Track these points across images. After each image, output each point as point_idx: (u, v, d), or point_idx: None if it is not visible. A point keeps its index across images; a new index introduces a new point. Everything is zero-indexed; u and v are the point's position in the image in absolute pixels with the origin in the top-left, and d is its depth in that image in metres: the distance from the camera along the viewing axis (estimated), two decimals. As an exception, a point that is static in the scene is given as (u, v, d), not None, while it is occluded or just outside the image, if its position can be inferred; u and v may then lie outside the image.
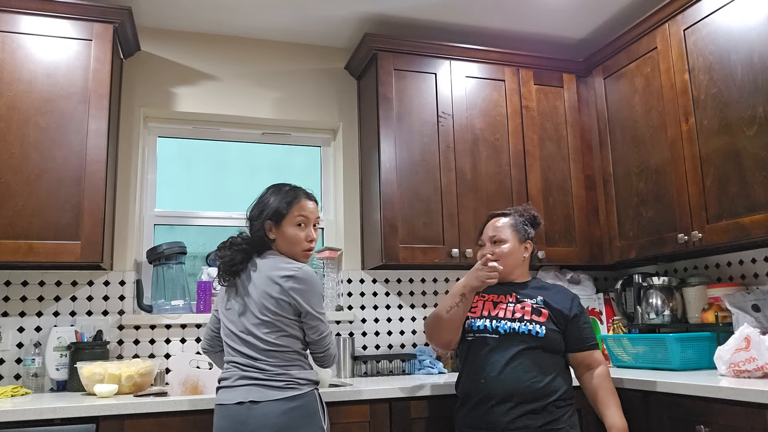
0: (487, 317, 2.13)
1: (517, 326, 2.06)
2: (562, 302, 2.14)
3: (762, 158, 2.23)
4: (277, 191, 1.99)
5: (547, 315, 2.09)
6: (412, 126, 2.92)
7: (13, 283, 2.61)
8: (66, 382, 2.48)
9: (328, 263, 3.06)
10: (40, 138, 2.39)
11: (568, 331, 2.12)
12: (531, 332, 2.05)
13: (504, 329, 2.07)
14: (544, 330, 2.06)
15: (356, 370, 2.90)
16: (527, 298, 2.15)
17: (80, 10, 2.51)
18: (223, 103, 3.06)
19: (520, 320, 2.08)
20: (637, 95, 2.86)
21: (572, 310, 2.13)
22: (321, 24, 3.06)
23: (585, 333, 2.14)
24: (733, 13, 2.38)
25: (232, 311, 1.91)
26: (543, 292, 2.18)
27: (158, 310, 2.75)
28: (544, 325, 2.07)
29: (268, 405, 1.76)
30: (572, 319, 2.12)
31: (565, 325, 2.11)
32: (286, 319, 1.85)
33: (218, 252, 1.97)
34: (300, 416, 1.78)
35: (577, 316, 2.13)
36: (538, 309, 2.11)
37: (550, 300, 2.14)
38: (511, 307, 2.13)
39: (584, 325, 2.14)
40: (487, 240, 2.23)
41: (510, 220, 2.24)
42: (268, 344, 1.82)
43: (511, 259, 2.19)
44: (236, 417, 1.77)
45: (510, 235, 2.21)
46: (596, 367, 2.13)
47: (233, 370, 1.85)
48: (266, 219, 1.94)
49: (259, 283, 1.87)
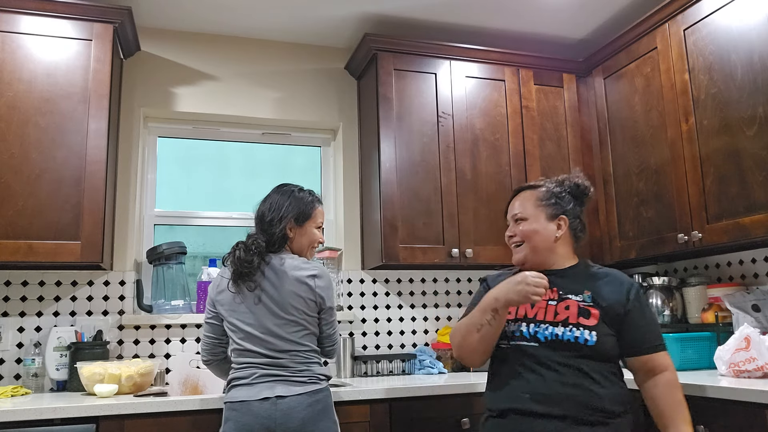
0: (523, 320, 1.75)
1: (561, 332, 1.68)
2: (615, 295, 1.73)
3: (762, 158, 2.23)
4: (290, 193, 2.08)
5: (598, 316, 1.69)
6: (412, 126, 2.92)
7: (13, 283, 2.61)
8: (66, 382, 2.48)
9: (328, 263, 3.06)
10: (40, 138, 2.39)
11: (623, 331, 1.72)
12: (578, 340, 1.67)
13: (545, 336, 1.70)
14: (595, 337, 1.66)
15: (356, 370, 2.90)
16: (572, 294, 1.75)
17: (80, 10, 2.51)
18: (223, 103, 3.06)
19: (564, 324, 1.69)
20: (637, 95, 2.86)
21: (629, 303, 1.72)
22: (321, 24, 3.06)
23: (644, 333, 1.72)
24: (733, 13, 2.38)
25: (247, 313, 1.92)
26: (591, 283, 1.77)
27: (158, 310, 2.75)
28: (594, 330, 1.67)
29: (295, 399, 1.84)
30: (627, 316, 1.71)
31: (620, 323, 1.71)
32: (310, 317, 1.95)
33: (239, 255, 1.94)
34: (321, 410, 1.88)
35: (634, 311, 1.72)
36: (585, 309, 1.71)
37: (601, 293, 1.74)
38: (552, 306, 1.74)
39: (643, 323, 1.73)
40: (510, 218, 1.89)
41: (536, 192, 1.85)
42: (292, 343, 1.91)
43: (538, 240, 1.80)
44: (262, 412, 1.81)
45: (534, 211, 1.82)
46: (659, 373, 1.72)
47: (250, 369, 1.89)
48: (290, 219, 2.02)
49: (283, 283, 1.93)
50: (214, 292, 2.00)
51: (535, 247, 1.81)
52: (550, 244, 1.81)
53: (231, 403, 1.86)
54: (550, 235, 1.81)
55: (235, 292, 1.94)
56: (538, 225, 1.81)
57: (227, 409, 1.87)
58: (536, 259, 1.82)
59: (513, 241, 1.85)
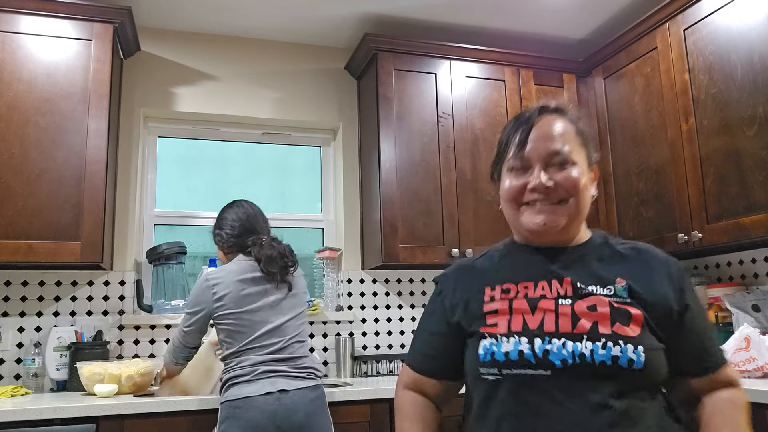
0: (522, 333, 1.08)
1: (590, 350, 1.03)
2: (660, 284, 1.12)
3: (762, 158, 2.23)
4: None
5: (641, 320, 1.07)
6: (412, 126, 2.92)
7: (13, 283, 2.61)
8: (66, 382, 2.48)
9: (328, 263, 3.06)
10: (40, 138, 2.39)
11: (677, 341, 1.10)
12: (620, 361, 1.02)
13: (562, 357, 1.04)
14: (642, 354, 1.03)
15: (356, 370, 2.90)
16: (595, 285, 1.11)
17: (80, 10, 2.51)
18: (223, 103, 3.05)
19: (593, 336, 1.04)
20: (637, 95, 2.86)
21: (684, 296, 1.12)
22: (321, 24, 3.06)
23: (708, 340, 1.14)
24: (733, 13, 2.38)
25: (267, 307, 2.04)
26: (619, 265, 1.15)
27: (158, 310, 2.75)
28: (640, 344, 1.04)
29: (297, 393, 1.91)
30: (684, 317, 1.11)
31: (672, 329, 1.10)
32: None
33: (281, 251, 2.12)
34: (321, 405, 1.97)
35: (693, 310, 1.12)
36: (622, 309, 1.08)
37: (638, 281, 1.11)
38: (565, 307, 1.09)
39: (704, 325, 1.15)
40: (537, 159, 1.15)
41: (574, 123, 1.21)
42: (303, 335, 2.09)
43: (586, 200, 1.18)
44: (266, 407, 1.85)
45: (579, 150, 1.18)
46: (721, 389, 1.13)
47: (250, 367, 1.93)
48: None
49: (299, 278, 2.17)
50: (224, 290, 2.03)
51: (581, 211, 1.17)
52: (587, 209, 1.19)
53: (232, 401, 1.87)
54: (589, 196, 1.19)
55: (273, 285, 2.07)
56: (586, 176, 1.18)
57: (227, 408, 1.87)
58: (571, 231, 1.18)
59: (551, 197, 1.14)
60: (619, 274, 1.13)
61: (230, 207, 2.22)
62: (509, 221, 1.22)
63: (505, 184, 1.19)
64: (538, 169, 1.15)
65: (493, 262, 1.23)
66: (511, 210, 1.19)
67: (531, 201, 1.15)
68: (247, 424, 1.83)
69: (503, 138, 1.22)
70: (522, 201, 1.17)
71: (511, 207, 1.19)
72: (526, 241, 1.21)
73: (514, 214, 1.19)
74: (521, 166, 1.17)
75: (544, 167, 1.15)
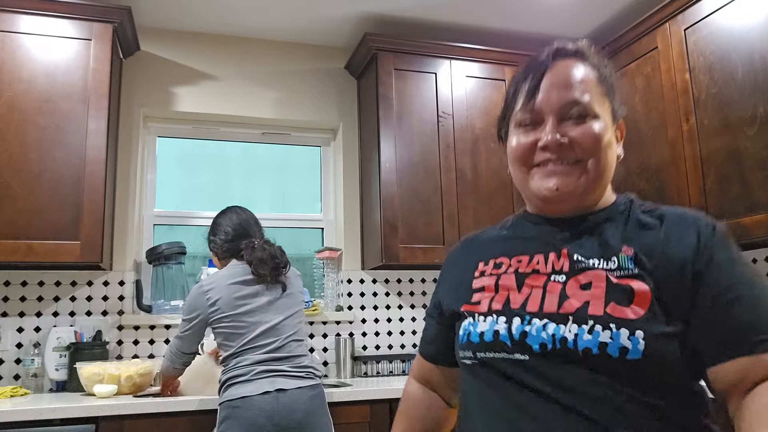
0: (501, 312, 0.92)
1: (573, 334, 0.84)
2: (676, 245, 0.87)
3: (762, 158, 2.23)
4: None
5: (648, 296, 0.84)
6: (412, 126, 2.91)
7: (12, 283, 2.60)
8: (65, 382, 2.48)
9: (328, 263, 3.06)
10: (39, 138, 2.38)
11: (698, 320, 0.84)
12: (609, 349, 0.82)
13: (541, 340, 0.86)
14: (641, 341, 0.81)
15: (356, 370, 2.90)
16: (595, 258, 0.91)
17: (80, 9, 2.50)
18: (223, 102, 3.05)
19: (579, 319, 0.85)
20: (637, 95, 2.86)
21: (704, 254, 0.85)
22: (321, 24, 3.05)
23: (747, 312, 0.82)
24: (733, 13, 2.37)
25: (261, 308, 2.05)
26: (634, 234, 0.92)
27: (158, 311, 2.75)
28: (640, 329, 0.82)
29: (295, 392, 1.91)
30: (700, 278, 0.84)
31: (685, 300, 0.84)
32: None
33: (272, 252, 2.13)
34: (320, 404, 1.97)
35: (714, 267, 0.85)
36: (622, 286, 0.86)
37: (653, 249, 0.88)
38: (556, 285, 0.90)
39: (741, 292, 0.83)
40: (550, 110, 0.96)
41: (594, 69, 1.01)
42: (300, 334, 2.10)
43: (607, 160, 0.97)
44: (265, 406, 1.86)
45: (600, 101, 0.98)
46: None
47: (248, 367, 1.94)
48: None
49: (293, 278, 2.19)
50: (217, 295, 2.05)
51: (603, 173, 0.96)
52: (612, 168, 0.99)
53: (231, 401, 1.88)
54: (614, 154, 1.00)
55: (264, 287, 2.09)
56: (610, 132, 0.98)
57: (226, 408, 1.88)
58: (590, 198, 0.97)
59: (566, 156, 0.94)
60: (625, 240, 0.90)
61: (223, 213, 2.27)
62: (519, 188, 1.02)
63: (513, 143, 1.00)
64: (551, 123, 0.95)
65: (498, 233, 1.07)
66: (520, 173, 0.99)
67: (542, 162, 0.95)
68: (247, 423, 1.83)
69: (511, 88, 1.04)
70: (532, 162, 0.97)
71: (519, 170, 0.99)
72: (539, 210, 1.01)
73: (523, 178, 0.99)
74: (531, 120, 0.97)
75: (559, 121, 0.95)
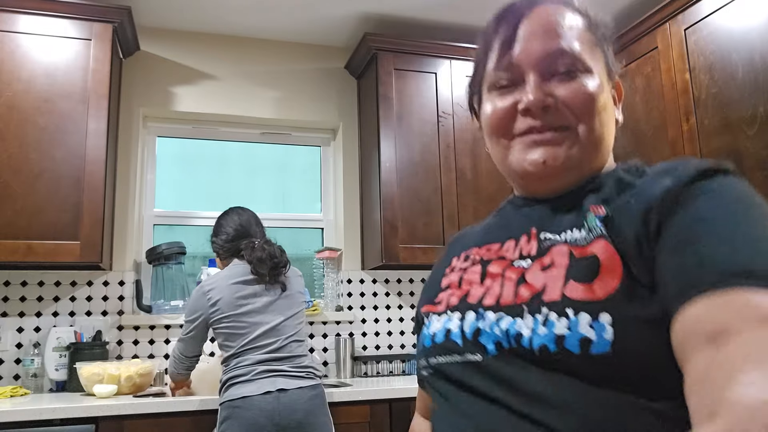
0: (455, 308, 0.75)
1: (530, 328, 0.64)
2: (652, 194, 0.63)
3: (762, 158, 2.23)
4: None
5: (619, 265, 0.62)
6: (412, 126, 2.91)
7: (12, 283, 2.60)
8: (65, 382, 2.48)
9: (328, 263, 3.05)
10: (39, 138, 2.38)
11: (658, 268, 0.59)
12: (566, 344, 0.60)
13: (495, 338, 0.67)
14: (608, 327, 0.59)
15: (356, 370, 2.89)
16: (569, 228, 0.71)
17: (79, 9, 2.50)
18: (223, 102, 3.05)
19: (533, 308, 0.65)
20: (637, 95, 2.86)
21: (679, 195, 0.61)
22: (321, 23, 3.05)
23: (708, 248, 0.55)
24: (733, 13, 2.37)
25: (261, 309, 2.05)
26: (613, 193, 0.70)
27: (157, 311, 2.75)
28: (607, 309, 0.59)
29: (296, 392, 1.92)
30: (665, 220, 0.60)
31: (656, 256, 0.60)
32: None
33: (271, 252, 2.13)
34: (320, 404, 1.97)
35: (687, 206, 0.60)
36: (586, 255, 0.65)
37: (628, 207, 0.65)
38: (515, 271, 0.72)
39: (706, 230, 0.56)
40: (530, 65, 0.75)
41: (586, 18, 0.81)
42: (301, 335, 2.09)
43: (604, 124, 0.77)
44: (266, 406, 1.87)
45: (595, 54, 0.79)
46: None
47: (249, 367, 1.94)
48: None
49: (294, 278, 2.19)
50: (218, 295, 2.06)
51: (599, 140, 0.76)
52: (612, 132, 0.80)
53: (232, 401, 1.88)
54: (612, 115, 0.80)
55: (264, 287, 2.09)
56: (606, 92, 0.78)
57: (227, 408, 1.89)
58: (585, 170, 0.76)
59: (552, 120, 0.74)
60: (606, 204, 0.69)
61: (225, 214, 2.27)
62: (499, 166, 0.82)
63: (487, 110, 0.79)
64: (532, 80, 0.74)
65: (486, 222, 0.89)
66: (498, 147, 0.79)
67: (525, 130, 0.75)
68: (247, 423, 1.84)
69: (480, 44, 0.82)
70: (512, 131, 0.76)
71: (497, 143, 0.79)
72: (524, 191, 0.80)
73: (502, 153, 0.78)
74: (508, 79, 0.77)
75: (542, 78, 0.74)
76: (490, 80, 0.80)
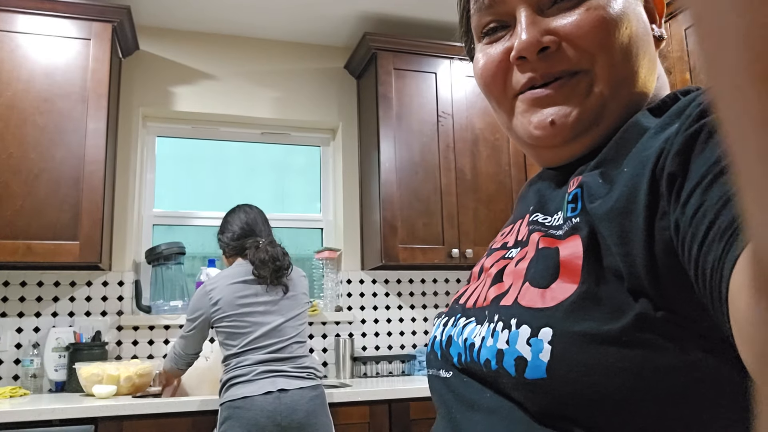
0: (450, 310, 0.65)
1: (479, 337, 0.53)
2: (643, 153, 0.47)
3: (763, 158, 2.22)
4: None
5: (579, 272, 0.47)
6: (412, 126, 2.91)
7: (11, 283, 2.60)
8: (64, 383, 2.47)
9: (328, 263, 3.05)
10: (38, 138, 2.38)
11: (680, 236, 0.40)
12: (504, 364, 0.48)
13: (459, 350, 0.57)
14: (545, 345, 0.45)
15: (356, 371, 2.89)
16: (549, 214, 0.56)
17: (79, 9, 2.50)
18: (223, 102, 3.05)
19: (492, 312, 0.54)
20: (637, 95, 2.86)
21: (665, 152, 0.44)
22: (320, 23, 3.05)
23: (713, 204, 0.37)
24: (734, 13, 2.37)
25: (264, 309, 2.06)
26: (608, 155, 0.53)
27: (157, 311, 2.74)
28: (550, 324, 0.46)
29: (297, 392, 1.93)
30: (655, 199, 0.44)
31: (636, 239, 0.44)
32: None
33: (273, 254, 2.13)
34: (320, 404, 1.98)
35: (691, 173, 0.41)
36: (549, 249, 0.51)
37: (620, 172, 0.49)
38: (499, 263, 0.60)
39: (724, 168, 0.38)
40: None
41: None
42: (302, 336, 2.10)
43: (634, 46, 0.55)
44: (267, 406, 1.87)
45: None
46: None
47: (250, 367, 1.95)
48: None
49: (297, 279, 2.19)
50: (219, 294, 2.06)
51: (628, 73, 0.56)
52: (648, 54, 0.58)
53: (233, 401, 1.89)
54: (644, 35, 0.58)
55: (266, 287, 2.09)
56: (630, 6, 0.57)
57: (228, 408, 1.89)
58: (614, 119, 0.57)
59: (554, 66, 0.56)
60: (584, 171, 0.55)
61: (233, 212, 2.29)
62: (509, 135, 0.65)
63: (479, 63, 0.64)
64: (524, 16, 0.57)
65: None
66: (500, 112, 0.63)
67: (524, 86, 0.59)
68: (248, 423, 1.84)
69: None
70: (511, 89, 0.60)
71: (497, 107, 0.63)
72: (539, 161, 0.64)
73: (505, 120, 0.63)
74: (496, 21, 0.61)
75: (537, 9, 0.57)
76: (476, 27, 0.65)
